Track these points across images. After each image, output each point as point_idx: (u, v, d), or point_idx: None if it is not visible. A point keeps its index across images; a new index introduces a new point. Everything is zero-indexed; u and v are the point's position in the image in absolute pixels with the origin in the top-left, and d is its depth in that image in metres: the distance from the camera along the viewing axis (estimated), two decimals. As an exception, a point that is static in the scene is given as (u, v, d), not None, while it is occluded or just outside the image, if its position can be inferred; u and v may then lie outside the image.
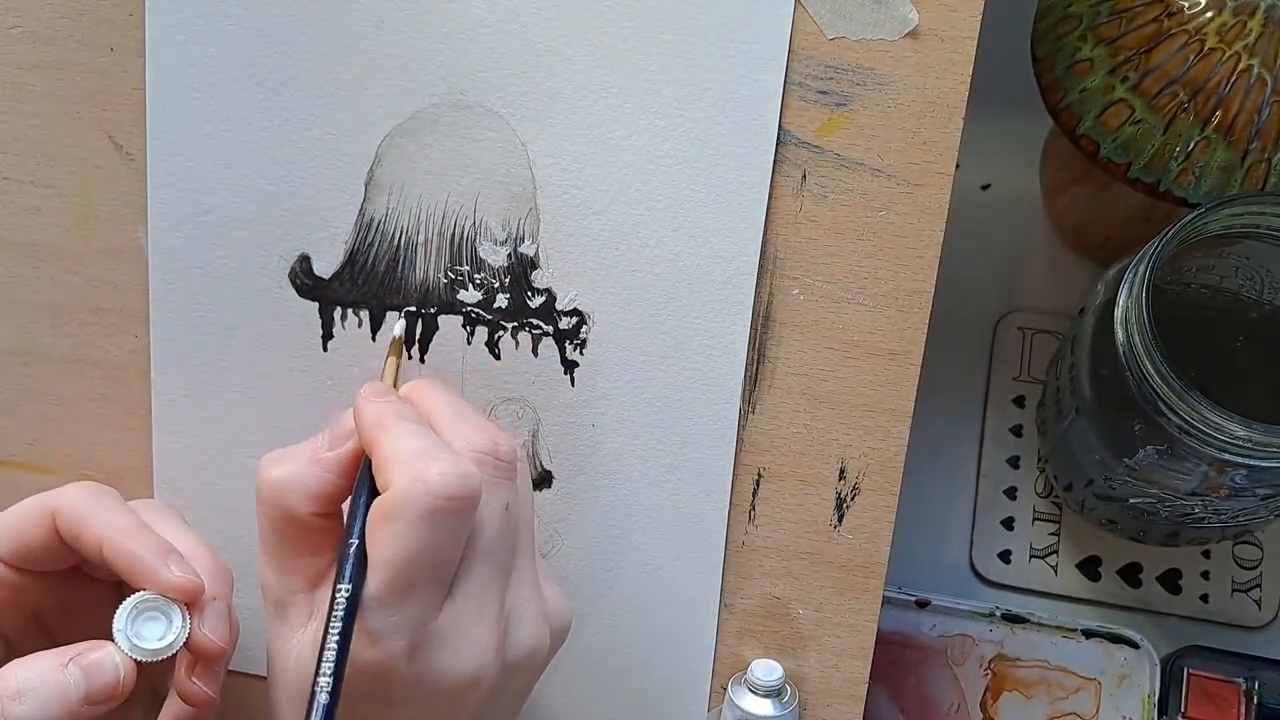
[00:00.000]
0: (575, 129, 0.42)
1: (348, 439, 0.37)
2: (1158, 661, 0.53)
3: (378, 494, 0.35)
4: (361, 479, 0.36)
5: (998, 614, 0.54)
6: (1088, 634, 0.54)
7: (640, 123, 0.42)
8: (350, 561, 0.35)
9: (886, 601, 0.44)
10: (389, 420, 0.37)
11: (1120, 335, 0.44)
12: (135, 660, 0.37)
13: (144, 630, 0.37)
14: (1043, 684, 0.53)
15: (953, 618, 0.54)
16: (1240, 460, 0.42)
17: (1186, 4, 0.45)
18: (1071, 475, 0.53)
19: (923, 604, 0.54)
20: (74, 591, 0.41)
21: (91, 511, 0.39)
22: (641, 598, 0.45)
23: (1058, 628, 0.54)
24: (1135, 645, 0.53)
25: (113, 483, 0.46)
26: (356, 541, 0.35)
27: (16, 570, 0.40)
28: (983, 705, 0.53)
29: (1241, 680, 0.52)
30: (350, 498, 0.37)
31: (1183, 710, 0.52)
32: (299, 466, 0.37)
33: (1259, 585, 0.55)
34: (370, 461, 0.36)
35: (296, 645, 0.37)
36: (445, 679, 0.36)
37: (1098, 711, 0.53)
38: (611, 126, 0.42)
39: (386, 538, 0.34)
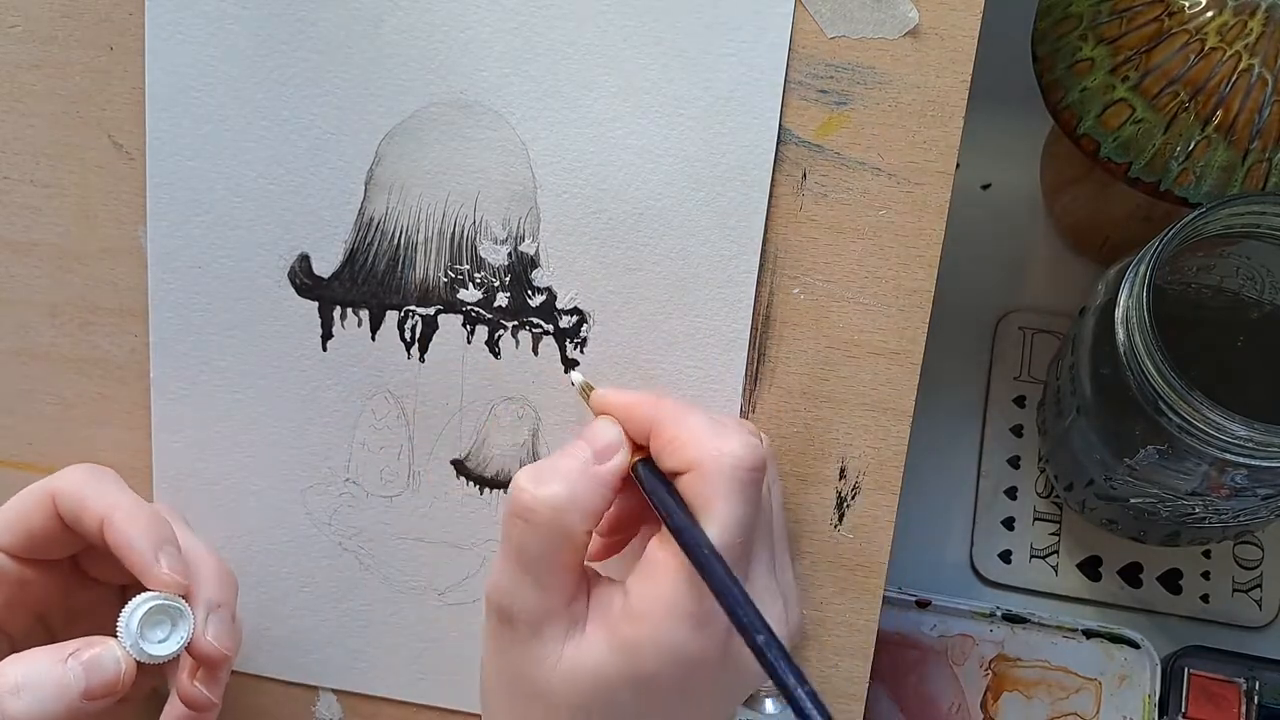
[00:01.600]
0: (575, 127, 0.42)
1: (615, 451, 0.37)
2: (1158, 662, 0.53)
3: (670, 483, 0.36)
4: (654, 482, 0.37)
5: (998, 614, 0.54)
6: (1088, 634, 0.54)
7: (640, 121, 0.41)
8: (709, 552, 0.34)
9: (887, 601, 0.44)
10: (669, 405, 0.37)
11: (1121, 335, 0.44)
12: (136, 660, 0.37)
13: (148, 631, 0.37)
14: (1043, 684, 0.53)
15: (953, 618, 0.54)
16: (1241, 460, 0.42)
17: (1187, 4, 0.45)
18: (1072, 475, 0.53)
19: (923, 604, 0.54)
20: (77, 592, 0.41)
21: (91, 490, 0.38)
22: (642, 597, 0.45)
23: (1058, 628, 0.54)
24: (1136, 645, 0.53)
25: (112, 482, 0.46)
26: (696, 529, 0.35)
27: (20, 561, 0.40)
28: (983, 705, 0.53)
29: (1242, 680, 0.52)
30: (653, 505, 0.37)
31: (1183, 710, 0.52)
32: (576, 484, 0.36)
33: (1259, 585, 0.55)
34: (643, 466, 0.37)
35: (569, 659, 0.36)
36: (749, 658, 0.36)
37: (1098, 712, 0.53)
38: (612, 125, 0.42)
39: (709, 516, 0.35)
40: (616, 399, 0.39)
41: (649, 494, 0.37)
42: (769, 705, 0.42)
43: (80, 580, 0.41)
